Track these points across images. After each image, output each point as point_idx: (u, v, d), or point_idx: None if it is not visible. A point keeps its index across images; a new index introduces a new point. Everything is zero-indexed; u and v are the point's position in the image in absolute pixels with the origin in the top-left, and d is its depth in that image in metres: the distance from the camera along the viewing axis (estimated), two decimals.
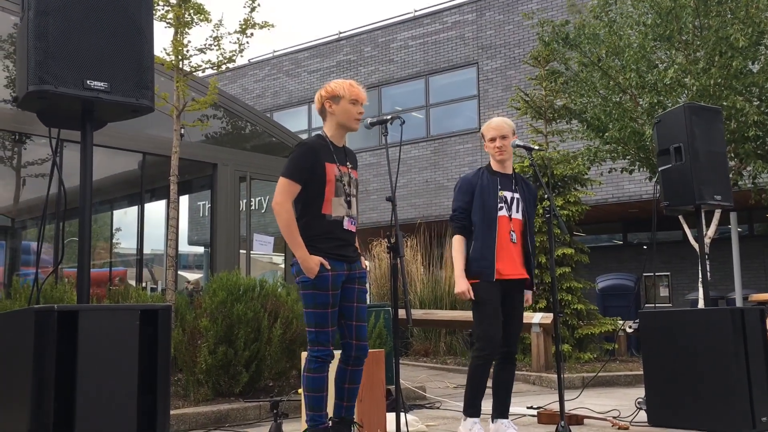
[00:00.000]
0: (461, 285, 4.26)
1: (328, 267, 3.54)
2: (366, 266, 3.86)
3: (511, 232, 4.31)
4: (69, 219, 9.61)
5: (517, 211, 4.38)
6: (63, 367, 2.68)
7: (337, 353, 3.72)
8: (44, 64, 2.78)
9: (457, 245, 4.35)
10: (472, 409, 4.24)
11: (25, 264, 10.77)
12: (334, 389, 3.74)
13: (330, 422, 3.63)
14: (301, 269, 3.54)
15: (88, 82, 2.86)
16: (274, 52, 21.30)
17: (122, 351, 2.79)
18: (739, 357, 4.58)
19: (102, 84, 2.89)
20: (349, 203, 3.69)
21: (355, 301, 3.71)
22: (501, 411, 4.33)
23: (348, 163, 3.77)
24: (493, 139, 4.41)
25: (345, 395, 3.72)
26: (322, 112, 3.78)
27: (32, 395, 2.65)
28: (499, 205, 4.32)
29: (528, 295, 4.47)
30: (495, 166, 4.47)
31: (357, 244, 3.84)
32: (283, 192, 3.57)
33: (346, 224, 3.68)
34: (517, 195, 4.41)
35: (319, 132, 3.80)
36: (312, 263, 3.51)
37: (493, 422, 4.34)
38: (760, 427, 4.53)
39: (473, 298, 4.23)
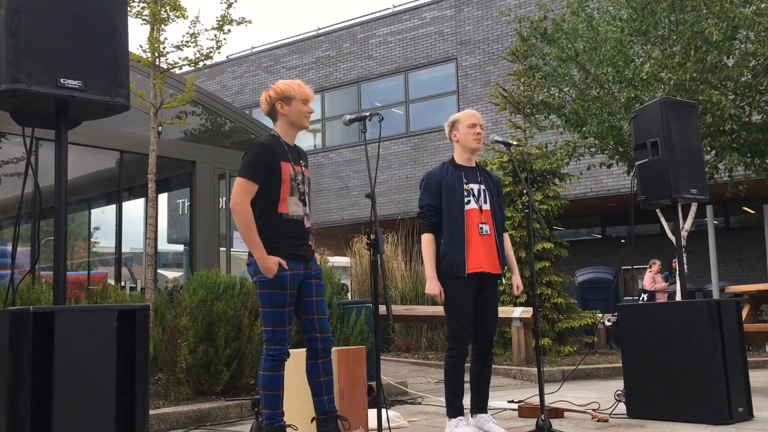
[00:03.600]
0: (433, 287, 4.22)
1: (286, 267, 3.59)
2: (320, 263, 3.90)
3: (482, 225, 4.27)
4: (45, 218, 9.50)
5: (486, 203, 4.35)
6: (40, 369, 2.65)
7: (296, 352, 3.74)
8: (17, 63, 2.74)
9: (426, 244, 4.30)
10: (454, 410, 4.22)
11: (1, 267, 10.62)
12: (311, 387, 3.75)
13: (285, 421, 3.65)
14: (259, 269, 3.57)
15: (61, 80, 2.83)
16: (253, 48, 21.20)
17: (100, 352, 2.76)
18: (716, 349, 4.63)
19: (76, 82, 2.86)
20: (303, 201, 3.75)
21: (314, 295, 3.75)
22: (480, 406, 4.34)
23: (301, 162, 3.81)
24: (473, 125, 4.38)
25: (323, 389, 3.74)
26: (272, 113, 3.82)
27: (7, 398, 2.62)
28: (467, 198, 4.29)
29: (515, 281, 4.42)
30: (461, 159, 4.43)
31: (311, 242, 3.89)
32: (241, 192, 3.59)
33: (306, 223, 3.75)
34: (483, 186, 4.38)
35: (272, 132, 3.85)
36: (270, 263, 3.55)
37: (472, 417, 4.34)
38: (737, 418, 4.59)
39: (443, 302, 4.21)
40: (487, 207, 4.35)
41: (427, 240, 4.30)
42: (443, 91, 17.65)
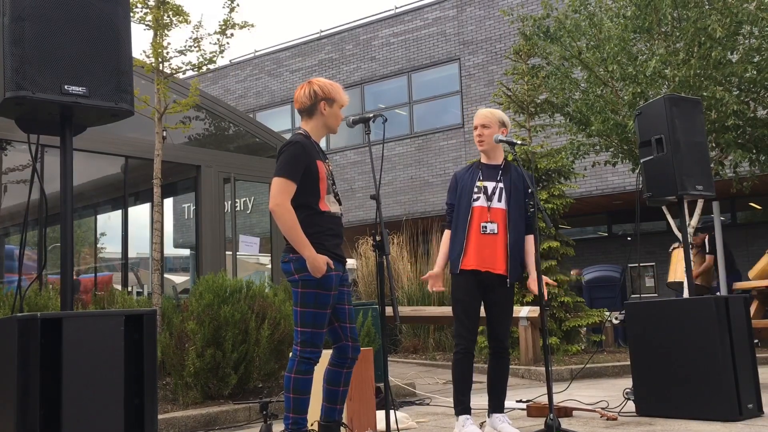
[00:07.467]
0: (428, 273, 4.56)
1: (333, 267, 3.50)
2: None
3: (486, 224, 4.25)
4: (51, 225, 9.52)
5: (500, 201, 4.29)
6: (48, 375, 2.66)
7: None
8: (21, 70, 2.75)
9: (443, 240, 4.52)
10: (460, 407, 4.23)
11: (8, 271, 10.65)
12: (326, 393, 3.66)
13: (316, 424, 3.60)
14: (302, 266, 3.44)
15: (65, 87, 2.84)
16: (256, 52, 21.23)
17: (108, 357, 2.77)
18: (725, 345, 4.62)
19: (80, 89, 2.87)
20: (339, 201, 3.71)
21: (346, 303, 3.69)
22: (495, 405, 4.34)
23: (326, 160, 3.76)
24: (474, 127, 4.46)
25: (338, 398, 3.66)
26: (310, 110, 3.66)
27: (17, 404, 2.62)
28: (476, 195, 4.29)
29: (543, 280, 4.25)
30: (482, 158, 4.50)
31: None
32: (282, 192, 3.44)
33: (342, 221, 3.72)
34: (501, 185, 4.33)
35: (299, 130, 3.70)
36: (321, 263, 3.43)
37: (488, 417, 4.34)
38: (747, 414, 4.58)
39: (432, 289, 4.54)
40: (500, 206, 4.29)
41: (444, 237, 4.54)
42: (447, 91, 17.64)
